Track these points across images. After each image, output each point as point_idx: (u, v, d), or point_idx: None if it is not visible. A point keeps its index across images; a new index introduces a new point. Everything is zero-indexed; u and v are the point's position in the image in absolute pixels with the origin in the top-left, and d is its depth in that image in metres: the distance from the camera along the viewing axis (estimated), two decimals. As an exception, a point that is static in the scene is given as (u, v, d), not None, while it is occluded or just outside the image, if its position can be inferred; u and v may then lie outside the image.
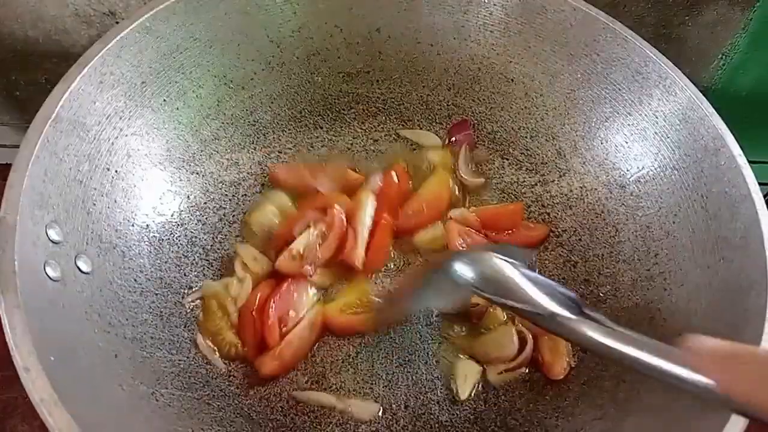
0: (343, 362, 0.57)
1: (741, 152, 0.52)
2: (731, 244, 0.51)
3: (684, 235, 0.55)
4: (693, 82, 0.57)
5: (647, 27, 0.73)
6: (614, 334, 0.38)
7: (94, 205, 0.51)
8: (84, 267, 0.48)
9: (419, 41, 0.67)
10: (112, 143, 0.53)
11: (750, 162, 0.52)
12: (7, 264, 0.40)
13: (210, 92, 0.62)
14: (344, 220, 0.60)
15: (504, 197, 0.67)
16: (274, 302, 0.55)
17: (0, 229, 0.41)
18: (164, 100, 0.58)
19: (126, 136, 0.55)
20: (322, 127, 0.70)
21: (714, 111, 0.55)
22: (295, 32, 0.64)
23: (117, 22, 0.74)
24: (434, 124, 0.71)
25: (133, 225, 0.55)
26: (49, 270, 0.44)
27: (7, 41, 0.77)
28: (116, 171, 0.54)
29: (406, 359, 0.58)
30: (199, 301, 0.58)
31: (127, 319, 0.50)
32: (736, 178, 0.51)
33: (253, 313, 0.55)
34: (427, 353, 0.58)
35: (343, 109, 0.70)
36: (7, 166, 0.82)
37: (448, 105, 0.70)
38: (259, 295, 0.56)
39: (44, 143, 0.46)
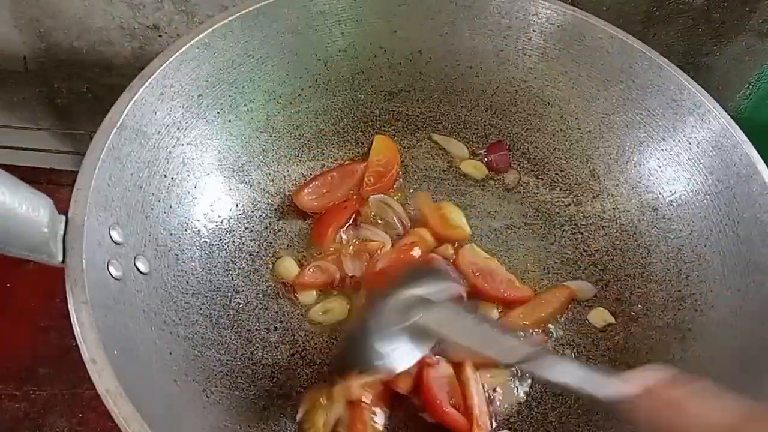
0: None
1: (772, 179, 0.54)
2: (762, 268, 0.52)
3: (715, 258, 0.57)
4: (719, 111, 0.58)
5: (676, 55, 0.75)
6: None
7: (152, 209, 0.53)
8: (142, 268, 0.50)
9: (459, 63, 0.69)
10: (170, 151, 0.56)
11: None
12: (76, 262, 0.42)
13: (260, 106, 0.64)
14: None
15: (538, 216, 0.69)
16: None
17: (69, 228, 0.43)
18: (218, 112, 0.61)
19: (182, 145, 0.57)
20: (363, 143, 0.72)
21: (746, 139, 0.57)
22: (341, 52, 0.67)
23: (160, 36, 0.78)
24: (471, 143, 0.73)
25: (186, 230, 0.57)
26: (112, 269, 0.46)
27: (53, 51, 0.80)
28: (172, 178, 0.56)
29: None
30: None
31: (180, 319, 0.52)
32: (767, 205, 0.53)
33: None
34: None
35: (384, 126, 0.72)
36: (48, 171, 0.86)
37: (485, 125, 0.72)
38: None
39: (110, 149, 0.48)
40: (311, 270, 0.63)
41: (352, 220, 0.66)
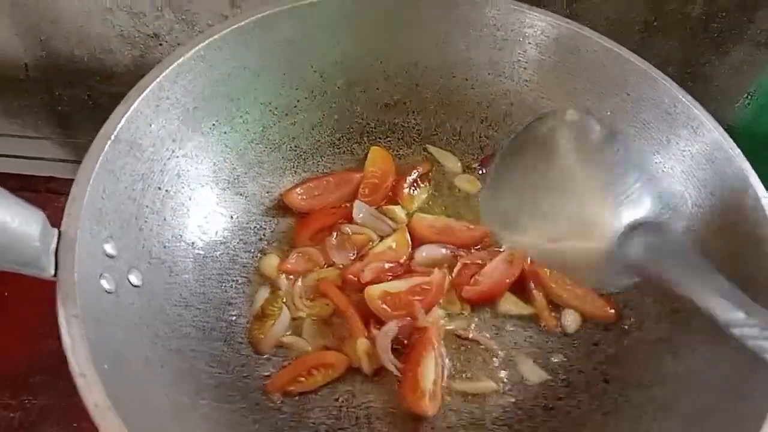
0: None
1: (766, 193, 0.54)
2: (756, 282, 0.52)
3: (709, 272, 0.56)
4: (718, 121, 0.58)
5: (674, 65, 0.75)
6: None
7: (146, 222, 0.53)
8: (135, 281, 0.50)
9: (454, 75, 0.69)
10: (164, 164, 0.56)
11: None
12: (68, 275, 0.42)
13: (256, 118, 0.65)
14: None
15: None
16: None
17: (62, 241, 0.43)
18: (213, 124, 0.61)
19: (177, 157, 0.57)
20: (358, 154, 0.72)
21: (740, 152, 0.56)
22: (337, 63, 0.67)
23: (161, 44, 0.78)
24: (466, 155, 0.73)
25: (180, 242, 0.58)
26: (104, 282, 0.46)
27: (54, 58, 0.81)
28: (167, 190, 0.56)
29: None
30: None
31: (172, 332, 0.52)
32: (760, 218, 0.53)
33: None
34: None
35: (380, 137, 0.73)
36: (49, 179, 0.86)
37: (480, 137, 0.73)
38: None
39: (104, 162, 0.48)
40: (294, 257, 0.64)
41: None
